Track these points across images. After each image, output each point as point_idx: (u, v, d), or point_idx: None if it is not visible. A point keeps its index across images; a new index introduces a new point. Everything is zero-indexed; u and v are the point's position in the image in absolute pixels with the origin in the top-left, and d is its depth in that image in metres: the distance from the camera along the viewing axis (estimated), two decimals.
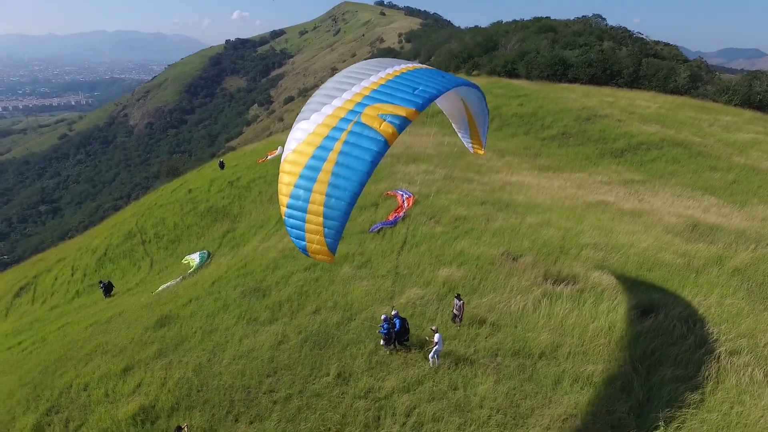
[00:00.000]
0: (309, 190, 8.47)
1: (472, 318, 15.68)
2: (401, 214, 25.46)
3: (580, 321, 15.41)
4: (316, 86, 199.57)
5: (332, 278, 19.44)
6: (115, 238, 38.49)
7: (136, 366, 15.06)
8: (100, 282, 28.14)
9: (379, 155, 8.32)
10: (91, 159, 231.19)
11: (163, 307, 19.64)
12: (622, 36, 76.30)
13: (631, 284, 17.53)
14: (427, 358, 13.92)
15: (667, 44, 79.65)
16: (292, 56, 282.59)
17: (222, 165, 46.94)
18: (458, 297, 15.43)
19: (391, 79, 9.55)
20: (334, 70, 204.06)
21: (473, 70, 73.48)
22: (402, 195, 27.97)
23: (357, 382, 13.42)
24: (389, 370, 13.85)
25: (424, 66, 10.83)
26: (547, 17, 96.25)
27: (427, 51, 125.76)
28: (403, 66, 10.29)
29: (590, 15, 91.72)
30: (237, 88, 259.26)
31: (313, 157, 8.56)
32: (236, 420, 12.49)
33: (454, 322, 15.44)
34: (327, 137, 8.61)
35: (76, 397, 14.14)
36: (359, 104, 8.89)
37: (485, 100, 13.09)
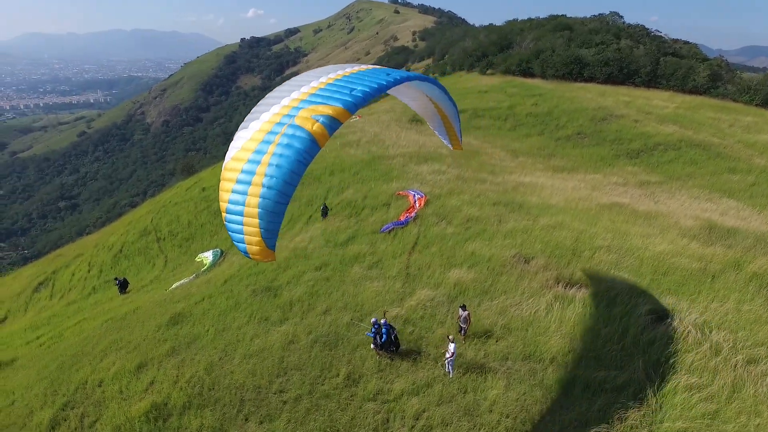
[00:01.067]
0: (245, 193, 8.78)
1: (481, 326, 15.57)
2: (413, 214, 25.42)
3: (593, 326, 15.23)
4: None
5: (343, 278, 19.50)
6: (130, 235, 39.08)
7: (150, 363, 15.27)
8: (116, 279, 28.60)
9: (308, 153, 8.61)
10: (108, 156, 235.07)
11: (176, 305, 19.87)
12: (640, 34, 75.16)
13: (645, 288, 17.26)
14: (444, 366, 13.55)
15: (686, 42, 78.28)
16: (306, 54, 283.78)
17: None
18: (463, 307, 14.75)
19: (331, 82, 9.90)
20: None
21: (487, 69, 73.03)
22: (414, 195, 27.92)
23: (366, 384, 13.44)
24: (398, 373, 13.84)
25: (376, 66, 11.05)
26: (562, 15, 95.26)
27: (441, 49, 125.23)
28: (349, 69, 10.59)
29: (607, 13, 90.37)
30: (252, 86, 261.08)
31: (249, 161, 8.90)
32: (246, 419, 12.60)
33: (461, 335, 14.85)
34: (262, 142, 8.95)
35: (91, 393, 14.40)
36: (295, 108, 9.24)
37: (448, 93, 13.26)
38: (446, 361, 13.36)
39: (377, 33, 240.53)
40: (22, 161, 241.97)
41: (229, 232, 9.06)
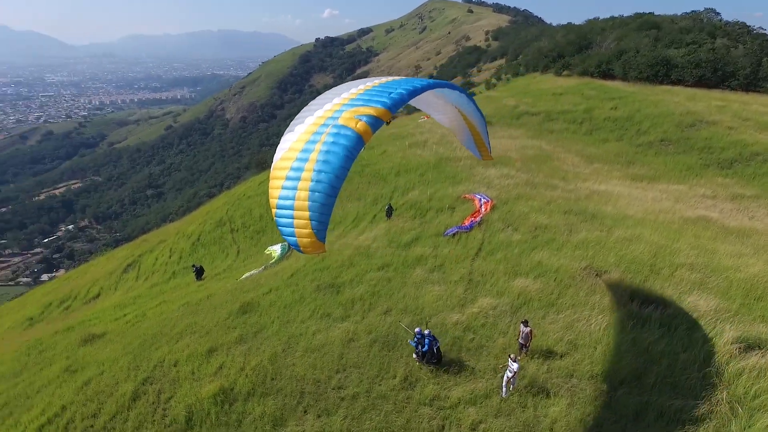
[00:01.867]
0: (294, 188, 9.16)
1: (545, 340, 14.99)
2: (478, 219, 24.97)
3: (670, 349, 14.17)
4: None
5: (404, 280, 19.57)
6: (207, 225, 41.63)
7: (219, 349, 16.20)
8: (193, 266, 30.60)
9: (354, 149, 9.05)
10: (191, 149, 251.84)
11: (245, 295, 20.92)
12: (739, 32, 68.66)
13: (733, 313, 15.78)
14: (505, 386, 12.91)
15: None
16: (377, 54, 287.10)
17: None
18: (525, 323, 14.05)
19: (369, 88, 10.42)
20: (418, 68, 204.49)
21: (563, 70, 69.98)
22: (480, 199, 27.41)
23: (423, 388, 13.41)
24: (456, 380, 13.68)
25: (409, 77, 11.76)
26: (650, 13, 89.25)
27: (514, 49, 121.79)
28: (384, 79, 11.17)
29: (701, 9, 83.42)
30: (324, 85, 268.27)
31: (297, 159, 9.35)
32: (305, 411, 13.02)
33: (521, 352, 14.21)
34: (309, 141, 9.43)
35: (167, 372, 15.52)
36: (338, 111, 9.74)
37: (475, 103, 13.48)
38: (505, 381, 12.69)
39: (449, 33, 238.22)
40: (118, 151, 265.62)
41: (279, 227, 9.43)
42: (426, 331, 14.00)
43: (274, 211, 9.42)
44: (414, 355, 14.26)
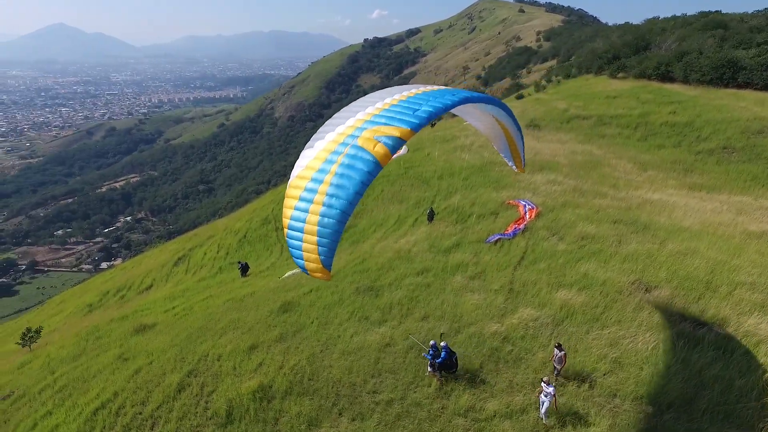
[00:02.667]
0: (306, 211, 9.02)
1: (588, 356, 14.46)
2: (522, 226, 24.43)
3: (725, 374, 13.33)
4: (446, 85, 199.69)
5: (443, 286, 19.43)
6: (253, 222, 42.93)
7: (260, 346, 16.68)
8: (239, 262, 31.66)
9: (370, 175, 8.66)
10: (241, 146, 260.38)
11: (287, 294, 21.43)
12: None
13: None
14: (539, 409, 12.39)
15: None
16: (425, 54, 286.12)
17: None
18: (559, 347, 13.36)
19: (395, 103, 9.88)
20: (465, 69, 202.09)
21: (618, 72, 67.10)
22: (524, 206, 26.80)
23: (458, 398, 13.27)
24: (493, 392, 13.46)
25: (441, 88, 10.85)
26: (716, 11, 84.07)
27: (567, 50, 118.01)
28: (414, 90, 10.54)
29: None
30: (371, 85, 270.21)
31: (312, 180, 9.13)
32: (340, 414, 13.20)
33: (554, 376, 13.59)
34: (326, 161, 9.14)
35: (211, 366, 16.15)
36: (359, 128, 9.31)
37: (513, 115, 12.84)
38: (542, 406, 12.15)
39: (499, 33, 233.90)
40: (173, 147, 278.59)
41: (290, 248, 9.43)
42: (442, 344, 13.82)
43: (285, 231, 9.36)
44: (429, 368, 14.07)
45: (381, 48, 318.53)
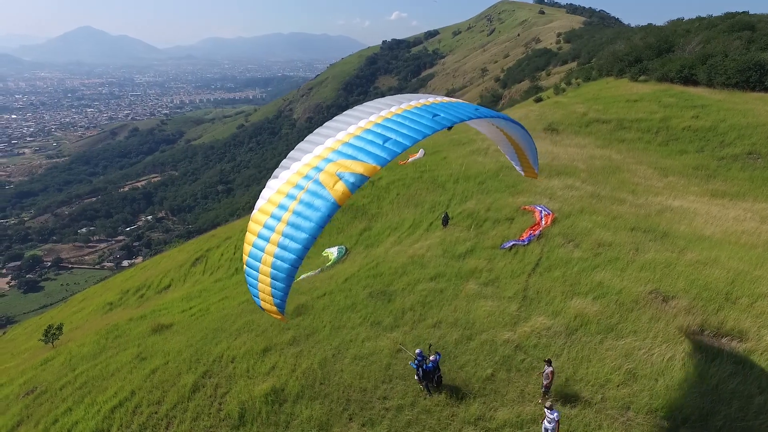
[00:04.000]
0: (262, 250, 8.87)
1: (601, 367, 14.26)
2: (537, 232, 24.22)
3: (744, 389, 13.02)
4: (464, 87, 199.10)
5: (456, 292, 19.39)
6: None
7: (273, 349, 16.89)
8: None
9: (327, 217, 8.35)
10: (260, 147, 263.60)
11: (301, 297, 21.63)
12: None
13: None
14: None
15: None
16: (443, 57, 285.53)
17: None
18: (549, 362, 12.98)
19: (368, 128, 9.28)
20: (484, 71, 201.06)
21: (640, 75, 65.95)
22: (540, 211, 26.55)
23: (468, 406, 13.24)
24: (503, 401, 13.38)
25: (428, 102, 10.13)
26: (743, 12, 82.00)
27: (587, 52, 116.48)
28: (396, 108, 9.84)
29: None
30: (388, 87, 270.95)
31: (272, 216, 8.88)
32: (350, 419, 13.28)
33: (542, 392, 13.18)
34: (287, 195, 8.84)
35: (225, 367, 16.42)
36: (325, 160, 8.89)
37: (515, 121, 11.97)
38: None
39: (518, 35, 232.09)
40: (194, 148, 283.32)
41: (248, 285, 9.43)
42: (431, 357, 13.63)
43: (244, 267, 9.34)
44: (416, 377, 13.85)
45: (399, 50, 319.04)
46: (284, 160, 9.66)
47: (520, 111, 66.84)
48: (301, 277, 26.67)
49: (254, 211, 9.37)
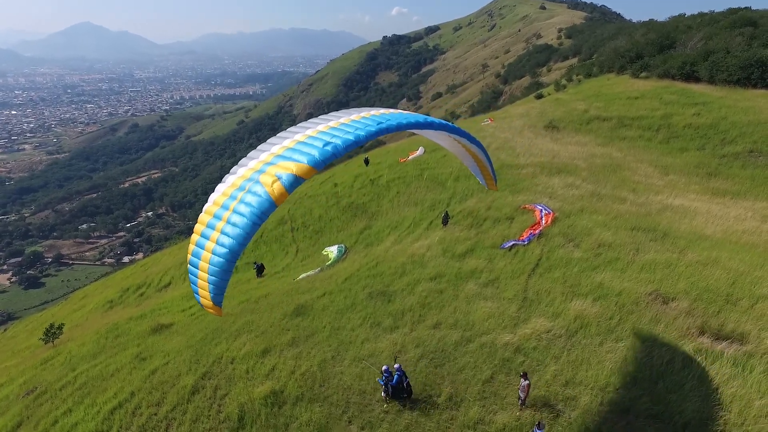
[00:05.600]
0: (202, 247, 9.40)
1: (601, 370, 14.24)
2: (537, 231, 24.15)
3: (744, 393, 12.99)
4: (464, 83, 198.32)
5: (456, 293, 19.36)
6: (269, 222, 43.28)
7: (273, 350, 16.87)
8: (254, 263, 32.03)
9: (264, 214, 8.80)
10: (260, 143, 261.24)
11: (300, 297, 21.60)
12: None
13: None
14: None
15: None
16: (444, 52, 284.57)
17: (367, 161, 49.54)
18: (524, 376, 12.81)
19: (312, 135, 9.82)
20: (485, 67, 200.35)
21: (641, 72, 65.70)
22: (540, 210, 26.47)
23: (467, 409, 13.22)
24: (503, 405, 13.37)
25: (377, 114, 10.61)
26: (746, 8, 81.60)
27: (588, 48, 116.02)
28: (345, 117, 10.47)
29: None
30: (389, 83, 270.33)
31: (214, 216, 9.42)
32: (350, 422, 13.27)
33: (519, 405, 13.08)
34: (230, 197, 9.38)
35: (224, 368, 16.40)
36: (267, 163, 9.42)
37: (467, 134, 12.56)
38: None
39: (519, 30, 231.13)
40: (194, 144, 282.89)
41: (190, 282, 9.84)
42: (396, 366, 13.48)
43: (187, 265, 9.87)
44: (382, 393, 13.61)
45: (400, 45, 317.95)
46: (234, 167, 10.27)
47: (521, 108, 66.65)
48: (300, 277, 26.64)
49: (203, 211, 9.89)
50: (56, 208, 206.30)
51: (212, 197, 9.89)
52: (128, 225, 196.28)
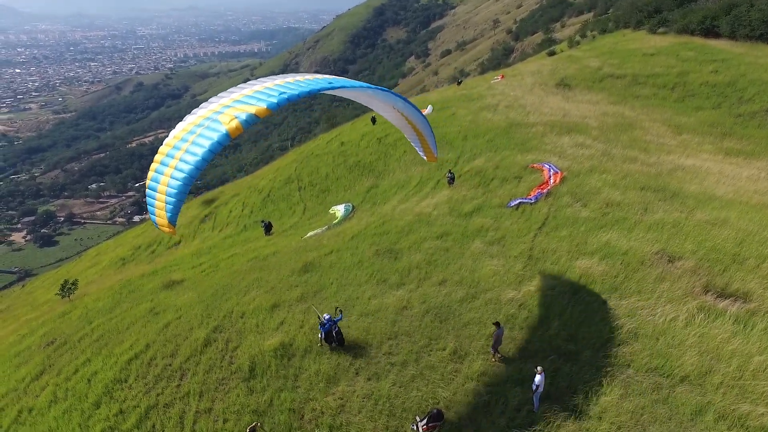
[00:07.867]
0: (161, 173, 10.62)
1: (604, 326, 14.48)
2: (545, 190, 24.03)
3: (744, 349, 13.21)
4: (474, 39, 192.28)
5: (462, 251, 19.52)
6: (277, 181, 43.39)
7: (282, 305, 17.28)
8: (262, 221, 32.31)
9: (219, 144, 10.11)
10: None
11: (308, 254, 21.89)
12: None
13: None
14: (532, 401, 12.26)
15: None
16: (454, 7, 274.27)
17: (374, 120, 48.81)
18: (497, 325, 13.37)
19: (269, 86, 11.25)
20: (496, 23, 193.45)
21: (659, 27, 63.14)
22: (549, 169, 26.24)
23: (472, 363, 13.61)
24: (506, 359, 13.72)
25: (332, 77, 12.45)
26: None
27: (604, 2, 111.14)
28: (300, 77, 12.16)
29: None
30: (396, 40, 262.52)
31: (173, 147, 10.69)
32: (357, 373, 13.73)
33: (493, 356, 13.61)
34: (189, 132, 10.70)
35: (235, 322, 16.88)
36: (227, 107, 10.71)
37: (410, 103, 13.60)
38: (535, 395, 12.01)
39: None
40: (199, 103, 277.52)
41: (148, 205, 10.96)
42: (326, 316, 14.43)
43: (146, 190, 11.02)
44: (319, 336, 14.66)
45: (408, 0, 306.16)
46: (199, 106, 11.65)
47: (533, 65, 64.77)
48: (308, 235, 26.91)
49: (162, 145, 11.06)
50: (65, 167, 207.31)
51: (172, 132, 11.10)
52: (137, 185, 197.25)
